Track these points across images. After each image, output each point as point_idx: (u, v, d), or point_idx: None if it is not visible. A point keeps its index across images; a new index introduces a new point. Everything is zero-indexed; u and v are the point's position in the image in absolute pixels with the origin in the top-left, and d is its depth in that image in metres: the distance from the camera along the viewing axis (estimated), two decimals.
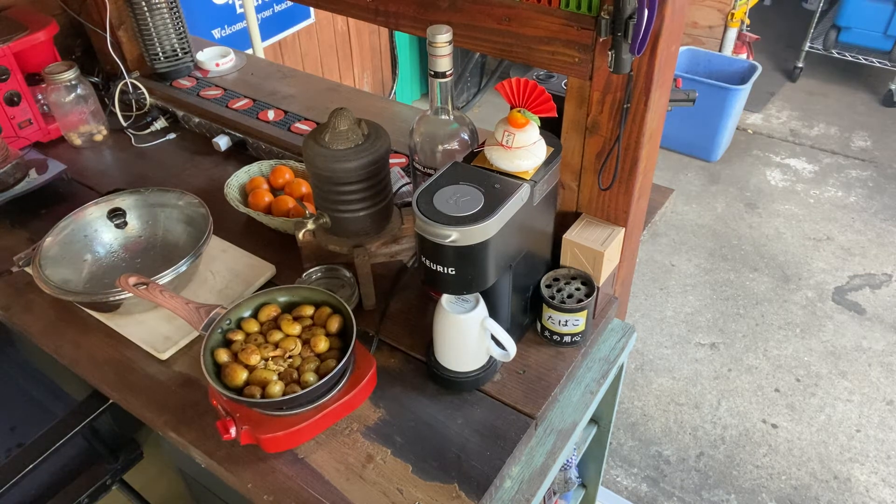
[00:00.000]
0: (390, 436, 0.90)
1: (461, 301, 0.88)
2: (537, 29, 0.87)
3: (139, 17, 1.50)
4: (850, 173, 3.19)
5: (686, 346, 2.38)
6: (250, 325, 0.90)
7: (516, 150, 0.84)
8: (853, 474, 1.97)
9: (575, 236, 0.98)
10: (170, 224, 1.18)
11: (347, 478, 0.85)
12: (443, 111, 0.96)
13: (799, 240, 2.81)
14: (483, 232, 0.78)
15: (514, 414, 0.92)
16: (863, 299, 2.53)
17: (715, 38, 3.44)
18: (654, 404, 2.19)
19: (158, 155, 1.48)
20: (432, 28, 0.87)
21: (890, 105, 3.62)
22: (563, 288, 0.99)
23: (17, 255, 1.16)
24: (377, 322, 1.05)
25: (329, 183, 0.98)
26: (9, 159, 1.27)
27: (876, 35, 3.54)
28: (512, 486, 0.90)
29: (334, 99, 1.56)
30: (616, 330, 1.10)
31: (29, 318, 1.09)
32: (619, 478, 2.00)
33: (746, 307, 2.51)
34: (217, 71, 1.64)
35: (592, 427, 1.31)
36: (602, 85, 0.87)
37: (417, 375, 0.98)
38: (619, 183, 0.94)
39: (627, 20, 0.75)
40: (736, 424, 2.12)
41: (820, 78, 3.90)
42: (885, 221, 2.90)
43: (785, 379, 2.25)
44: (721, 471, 2.00)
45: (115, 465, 1.21)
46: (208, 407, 0.92)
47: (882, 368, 2.27)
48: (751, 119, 3.58)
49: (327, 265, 1.08)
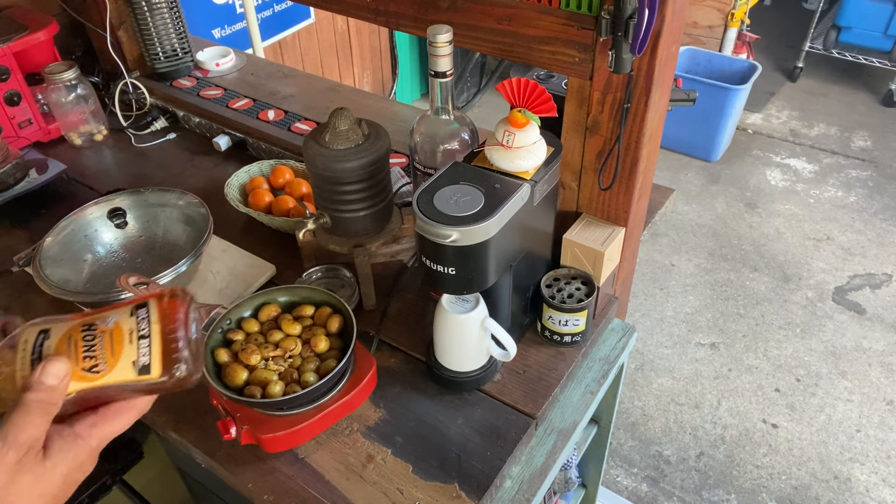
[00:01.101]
0: (390, 436, 0.90)
1: (461, 301, 0.88)
2: (537, 29, 0.87)
3: (139, 17, 1.50)
4: (850, 173, 3.19)
5: (686, 346, 2.38)
6: (250, 324, 0.90)
7: (516, 150, 0.84)
8: (853, 474, 1.97)
9: (575, 236, 0.98)
10: (170, 224, 1.18)
11: (348, 478, 0.85)
12: (443, 111, 0.96)
13: (799, 240, 2.81)
14: (483, 232, 0.78)
15: (515, 414, 0.92)
16: (863, 299, 2.53)
17: (715, 38, 3.44)
18: (654, 404, 2.19)
19: (158, 155, 1.48)
20: (432, 28, 0.87)
21: (890, 105, 3.62)
22: (563, 288, 0.99)
23: (17, 254, 1.16)
24: (377, 322, 1.05)
25: (329, 183, 0.98)
26: (9, 159, 1.27)
27: (876, 35, 3.54)
28: (512, 486, 0.90)
29: (334, 99, 1.56)
30: (616, 330, 1.10)
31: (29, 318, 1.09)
32: (620, 478, 2.00)
33: (746, 307, 2.51)
34: (217, 71, 1.64)
35: (593, 427, 1.31)
36: (602, 85, 0.87)
37: (417, 375, 0.98)
38: (620, 183, 0.94)
39: (628, 20, 0.75)
40: (736, 424, 2.12)
41: (820, 78, 3.90)
42: (885, 221, 2.90)
43: (785, 379, 2.25)
44: (721, 471, 2.00)
45: (115, 465, 1.21)
46: (208, 407, 0.92)
47: (882, 368, 2.27)
48: (751, 119, 3.58)
49: (327, 265, 1.08)
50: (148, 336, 0.50)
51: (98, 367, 0.50)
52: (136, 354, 0.50)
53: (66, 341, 0.51)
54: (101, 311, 0.53)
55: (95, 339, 0.50)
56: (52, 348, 0.51)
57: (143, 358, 0.50)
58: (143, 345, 0.50)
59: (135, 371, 0.50)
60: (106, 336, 0.50)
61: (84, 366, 0.50)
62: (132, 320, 0.51)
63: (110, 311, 0.53)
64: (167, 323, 0.51)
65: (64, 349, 0.50)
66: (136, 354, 0.50)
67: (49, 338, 0.51)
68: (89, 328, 0.51)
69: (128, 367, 0.50)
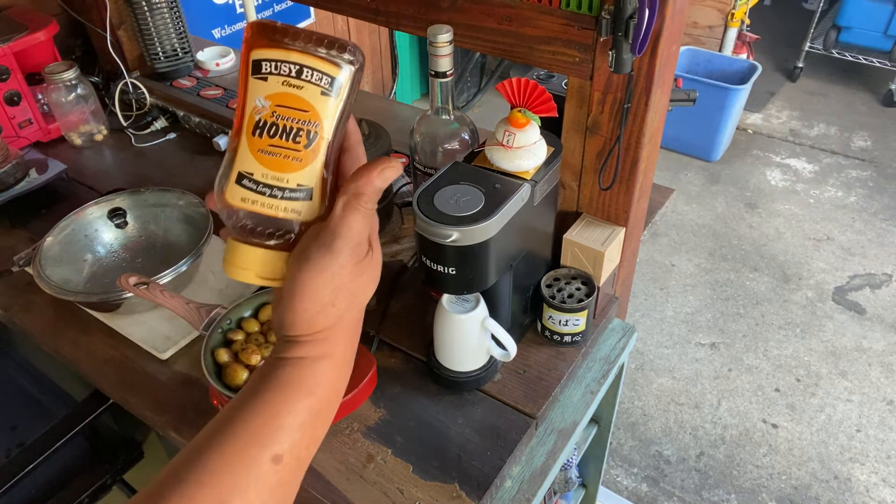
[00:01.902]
0: (391, 436, 0.90)
1: (461, 301, 0.88)
2: (538, 29, 0.87)
3: (139, 17, 1.50)
4: (850, 173, 3.19)
5: (686, 345, 2.38)
6: (251, 324, 0.90)
7: (517, 150, 0.84)
8: (853, 474, 1.97)
9: (575, 236, 0.98)
10: (170, 224, 1.18)
11: (348, 478, 0.85)
12: (443, 111, 0.96)
13: (799, 240, 2.81)
14: (484, 232, 0.78)
15: (515, 414, 0.92)
16: (863, 299, 2.53)
17: (715, 38, 3.44)
18: (654, 404, 2.19)
19: (158, 155, 1.48)
20: (433, 28, 0.87)
21: (890, 105, 3.63)
22: (563, 288, 0.99)
23: (18, 254, 1.16)
24: (378, 322, 1.05)
25: None
26: (9, 159, 1.27)
27: (876, 35, 3.54)
28: (512, 485, 0.90)
29: None
30: (616, 330, 1.10)
31: (29, 318, 1.09)
32: (620, 478, 2.00)
33: (746, 307, 2.51)
34: (217, 71, 1.64)
35: (593, 427, 1.31)
36: (602, 85, 0.87)
37: (418, 375, 0.98)
38: (620, 183, 0.94)
39: (628, 20, 0.75)
40: (736, 424, 2.12)
41: (820, 78, 3.90)
42: (885, 221, 2.90)
43: (785, 379, 2.25)
44: (721, 471, 2.00)
45: (115, 465, 1.21)
46: (209, 407, 0.92)
47: (882, 368, 2.27)
48: (751, 119, 3.58)
49: None
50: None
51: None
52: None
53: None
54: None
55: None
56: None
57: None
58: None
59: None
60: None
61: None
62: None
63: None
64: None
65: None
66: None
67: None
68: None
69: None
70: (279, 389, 0.45)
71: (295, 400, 0.45)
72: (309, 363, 0.46)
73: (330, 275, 0.45)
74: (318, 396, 0.46)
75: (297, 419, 0.45)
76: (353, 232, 0.46)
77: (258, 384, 0.45)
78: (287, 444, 0.44)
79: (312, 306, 0.45)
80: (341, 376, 0.49)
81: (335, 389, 0.48)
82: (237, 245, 0.47)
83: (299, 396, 0.45)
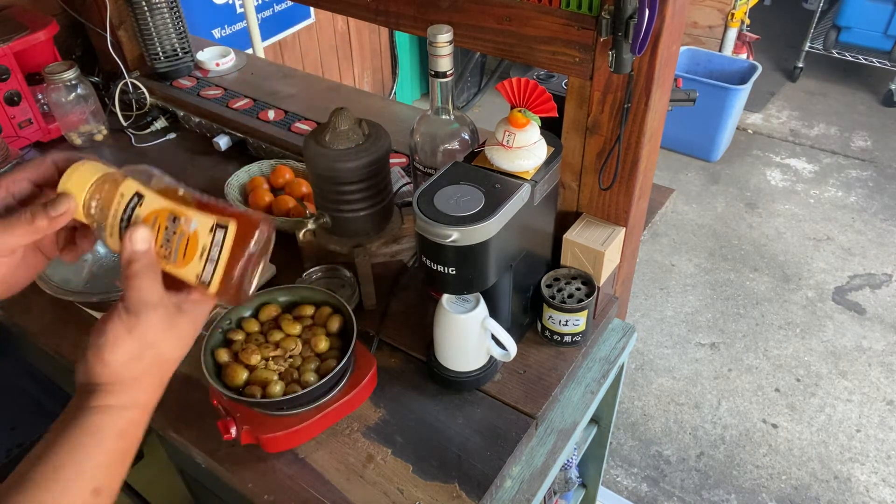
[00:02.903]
0: (391, 436, 0.90)
1: (461, 301, 0.88)
2: (538, 29, 0.87)
3: (139, 17, 1.50)
4: (850, 173, 3.19)
5: (686, 345, 2.38)
6: (251, 324, 0.90)
7: (517, 150, 0.84)
8: (853, 474, 1.97)
9: (575, 236, 0.98)
10: None
11: (348, 478, 0.85)
12: (443, 111, 0.96)
13: (799, 240, 2.81)
14: (484, 232, 0.78)
15: (515, 414, 0.92)
16: (863, 299, 2.53)
17: (715, 38, 3.44)
18: (654, 404, 2.19)
19: (158, 155, 1.48)
20: (433, 28, 0.87)
21: (890, 105, 3.63)
22: (563, 288, 0.99)
23: None
24: (377, 322, 1.05)
25: (329, 183, 0.98)
26: (9, 159, 1.27)
27: (876, 35, 3.54)
28: (512, 485, 0.90)
29: (334, 99, 1.56)
30: (616, 330, 1.10)
31: (29, 318, 1.09)
32: (620, 478, 2.00)
33: (746, 307, 2.51)
34: (217, 71, 1.64)
35: (593, 427, 1.31)
36: (602, 85, 0.87)
37: (418, 375, 0.98)
38: (620, 183, 0.94)
39: (628, 20, 0.75)
40: (736, 424, 2.12)
41: (820, 78, 3.90)
42: (885, 221, 2.90)
43: (785, 379, 2.25)
44: (721, 471, 2.00)
45: None
46: (208, 407, 0.92)
47: (882, 368, 2.27)
48: (751, 119, 3.58)
49: (328, 265, 1.08)
50: (216, 261, 0.55)
51: (168, 259, 0.56)
52: (201, 271, 0.55)
53: (152, 219, 0.56)
54: (191, 208, 0.56)
55: (175, 235, 0.56)
56: (140, 218, 0.56)
57: (206, 276, 0.56)
58: (209, 267, 0.55)
59: (195, 280, 0.56)
60: (183, 239, 0.56)
61: (158, 250, 0.56)
62: (208, 238, 0.55)
63: (197, 212, 0.56)
64: (236, 254, 0.55)
65: (149, 224, 0.56)
66: (200, 270, 0.56)
67: (141, 206, 0.56)
68: (174, 221, 0.56)
69: (191, 275, 0.56)
70: (94, 434, 0.53)
71: (110, 442, 0.53)
72: (117, 410, 0.54)
73: (139, 332, 0.54)
74: (127, 440, 0.55)
75: (110, 458, 0.53)
76: (149, 294, 0.54)
77: (71, 429, 0.52)
78: (104, 479, 0.53)
79: (120, 358, 0.54)
80: (145, 419, 0.57)
81: (141, 432, 0.57)
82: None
83: (113, 439, 0.53)
